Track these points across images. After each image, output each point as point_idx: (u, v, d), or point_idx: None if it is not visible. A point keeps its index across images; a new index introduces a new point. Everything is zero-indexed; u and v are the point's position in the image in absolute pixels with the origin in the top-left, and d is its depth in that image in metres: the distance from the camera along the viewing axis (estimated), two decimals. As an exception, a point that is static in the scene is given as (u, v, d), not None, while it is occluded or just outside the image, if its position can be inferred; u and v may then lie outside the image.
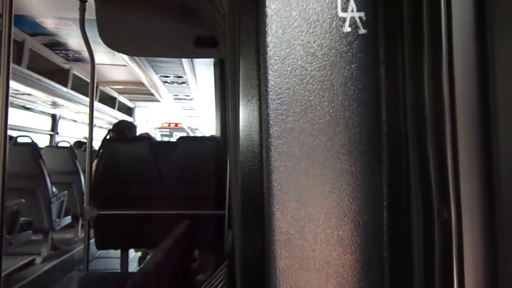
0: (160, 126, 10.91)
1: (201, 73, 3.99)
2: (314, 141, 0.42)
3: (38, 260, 3.47)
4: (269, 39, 0.42)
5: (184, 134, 10.20)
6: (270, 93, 0.42)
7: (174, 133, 10.81)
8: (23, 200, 3.04)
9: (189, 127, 11.06)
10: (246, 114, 0.46)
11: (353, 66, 0.43)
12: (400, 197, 0.42)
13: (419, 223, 0.39)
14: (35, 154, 3.49)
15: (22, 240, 3.09)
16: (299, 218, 0.42)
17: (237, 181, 0.69)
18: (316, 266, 0.41)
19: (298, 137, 0.42)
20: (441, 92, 0.37)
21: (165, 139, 10.33)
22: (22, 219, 3.06)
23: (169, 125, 10.98)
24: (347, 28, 0.42)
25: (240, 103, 0.47)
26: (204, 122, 9.14)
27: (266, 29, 0.42)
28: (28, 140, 3.67)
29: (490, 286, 0.35)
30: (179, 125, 10.86)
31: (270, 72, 0.42)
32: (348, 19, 0.42)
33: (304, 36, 0.42)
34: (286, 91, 0.42)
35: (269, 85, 0.42)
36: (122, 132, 3.00)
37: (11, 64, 1.72)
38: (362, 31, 0.42)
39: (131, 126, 3.27)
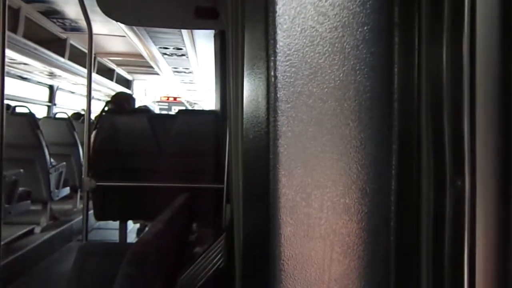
0: (159, 100, 10.84)
1: (201, 46, 3.92)
2: (323, 106, 0.40)
3: (37, 229, 3.50)
4: None
5: (183, 108, 10.15)
6: (279, 54, 0.40)
7: (173, 107, 10.75)
8: (21, 170, 3.03)
9: (188, 101, 10.99)
10: (251, 79, 0.44)
11: (366, 28, 0.40)
12: (410, 165, 0.40)
13: (429, 192, 0.38)
14: (32, 125, 3.46)
15: (21, 209, 3.10)
16: (306, 185, 0.40)
17: (237, 154, 0.67)
18: (322, 234, 0.40)
19: (307, 102, 0.40)
20: (461, 58, 0.35)
21: (164, 113, 10.28)
22: (20, 189, 3.07)
23: (167, 99, 10.91)
24: None
25: (245, 69, 0.45)
26: (203, 96, 9.07)
27: None
28: (25, 110, 3.64)
29: (501, 258, 0.34)
30: (178, 99, 10.79)
31: (279, 32, 0.40)
32: None
33: None
34: (296, 52, 0.40)
35: (277, 46, 0.40)
36: (121, 104, 2.97)
37: (6, 32, 1.68)
38: None
39: (129, 98, 3.24)
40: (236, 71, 0.70)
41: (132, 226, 3.72)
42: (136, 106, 3.58)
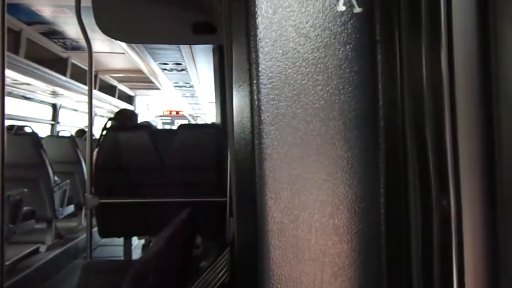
0: (162, 114, 10.89)
1: (201, 60, 3.95)
2: (308, 127, 0.40)
3: (43, 248, 3.50)
4: (259, 20, 0.40)
5: (186, 122, 10.18)
6: (261, 77, 0.40)
7: (176, 121, 10.80)
8: (25, 189, 3.04)
9: (190, 115, 11.04)
10: (238, 100, 0.45)
11: (348, 47, 0.40)
12: (398, 184, 0.40)
13: (417, 210, 0.38)
14: (36, 144, 3.48)
15: (25, 229, 3.11)
16: (293, 207, 0.40)
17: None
18: (312, 256, 0.40)
19: (291, 123, 0.40)
20: (440, 74, 0.36)
21: (167, 127, 10.33)
22: (25, 208, 3.08)
23: (170, 113, 10.96)
24: (341, 7, 0.40)
25: (234, 89, 0.45)
26: (205, 109, 9.11)
27: (256, 9, 0.40)
28: (28, 130, 3.67)
29: (490, 275, 0.34)
30: (180, 113, 10.84)
31: (260, 55, 0.40)
32: None
33: (296, 16, 0.40)
34: (278, 74, 0.40)
35: (260, 68, 0.40)
36: (123, 120, 2.99)
37: (6, 53, 1.70)
38: (357, 9, 0.40)
39: (132, 115, 3.26)
40: (230, 88, 0.71)
41: (137, 242, 3.71)
42: (139, 121, 3.60)
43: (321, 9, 0.40)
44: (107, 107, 6.49)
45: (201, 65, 4.15)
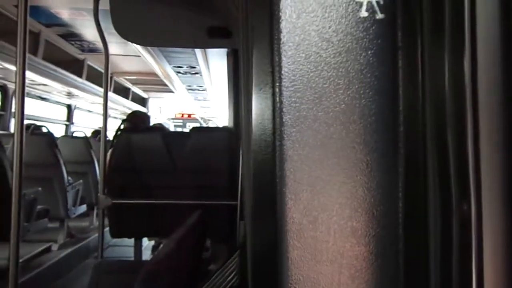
0: (174, 117, 10.99)
1: (214, 64, 3.98)
2: (328, 130, 0.41)
3: (55, 247, 3.55)
4: (283, 24, 0.41)
5: (198, 125, 10.25)
6: (284, 80, 0.41)
7: (188, 124, 10.88)
8: (40, 188, 3.10)
9: (202, 118, 11.10)
10: (258, 102, 0.45)
11: (369, 52, 0.41)
12: (417, 188, 0.40)
13: (436, 215, 0.38)
14: (51, 144, 3.54)
15: (39, 227, 3.16)
16: (312, 208, 0.41)
17: (249, 172, 0.68)
18: (329, 257, 0.40)
19: (312, 126, 0.41)
20: (463, 80, 0.36)
21: (179, 129, 10.40)
22: (39, 207, 3.13)
23: (182, 116, 11.05)
24: (363, 13, 0.41)
25: (253, 92, 0.46)
26: (217, 113, 9.16)
27: (280, 14, 0.41)
28: (44, 130, 3.73)
29: (510, 281, 0.34)
30: (192, 116, 10.92)
31: (283, 58, 0.41)
32: (364, 3, 0.41)
33: (319, 21, 0.41)
34: (300, 78, 0.41)
35: (282, 71, 0.41)
36: (136, 122, 3.03)
37: (27, 55, 1.74)
38: (379, 16, 0.41)
39: (144, 117, 3.30)
40: (247, 91, 0.71)
41: (147, 243, 3.74)
42: (152, 123, 3.64)
43: (344, 15, 0.41)
44: (120, 109, 6.58)
45: (214, 68, 4.18)
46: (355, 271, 0.40)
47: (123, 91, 6.29)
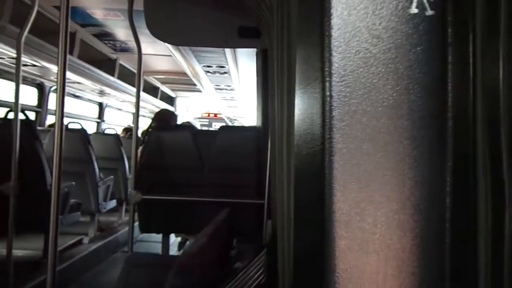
0: (200, 116, 11.12)
1: (243, 64, 4.02)
2: (377, 124, 0.42)
3: (86, 240, 3.66)
4: (334, 21, 0.42)
5: (223, 124, 10.30)
6: (334, 75, 0.42)
7: (213, 123, 10.99)
8: (73, 183, 3.20)
9: (228, 118, 11.18)
10: (305, 98, 0.47)
11: (418, 48, 0.42)
12: (466, 184, 0.40)
13: (487, 211, 0.38)
14: (84, 140, 3.66)
15: (71, 220, 3.26)
16: (360, 200, 0.42)
17: (281, 170, 0.69)
18: (376, 249, 0.41)
19: (361, 120, 0.42)
20: None
21: (205, 128, 10.52)
22: (72, 200, 3.24)
23: (208, 115, 11.17)
24: (413, 10, 0.42)
25: (297, 88, 0.47)
26: (243, 112, 9.20)
27: (332, 10, 0.42)
28: (78, 126, 3.86)
29: None
30: (218, 116, 11.02)
31: (334, 54, 0.42)
32: (415, 0, 0.42)
33: (369, 18, 0.42)
34: (350, 73, 0.42)
35: (333, 67, 0.42)
36: (165, 120, 3.09)
37: (67, 55, 1.81)
38: (429, 12, 0.41)
39: (172, 115, 3.36)
40: (282, 89, 0.72)
41: (173, 240, 3.81)
42: (179, 122, 3.70)
43: (394, 12, 0.42)
44: (149, 107, 6.72)
45: (243, 68, 4.22)
46: (402, 263, 0.41)
47: (152, 90, 6.42)
